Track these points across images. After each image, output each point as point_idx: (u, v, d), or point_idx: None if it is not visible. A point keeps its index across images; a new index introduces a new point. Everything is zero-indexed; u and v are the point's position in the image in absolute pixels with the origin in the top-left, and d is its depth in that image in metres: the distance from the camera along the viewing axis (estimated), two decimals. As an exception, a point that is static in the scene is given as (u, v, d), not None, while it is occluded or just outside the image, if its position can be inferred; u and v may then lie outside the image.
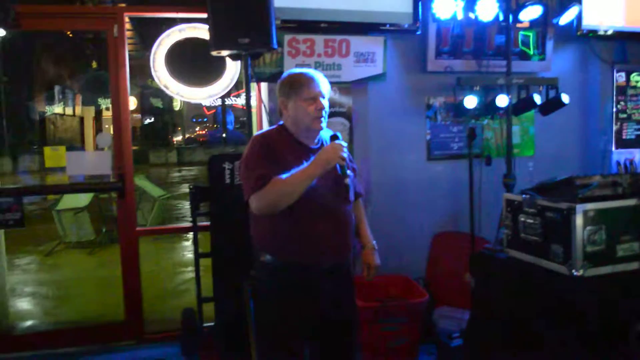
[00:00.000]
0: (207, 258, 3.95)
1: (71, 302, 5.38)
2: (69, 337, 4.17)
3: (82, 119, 19.16)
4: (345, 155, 2.32)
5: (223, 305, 3.83)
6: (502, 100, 4.06)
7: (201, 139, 29.36)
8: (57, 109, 17.15)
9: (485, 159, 4.37)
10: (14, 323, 4.57)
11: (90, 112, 17.54)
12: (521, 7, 4.03)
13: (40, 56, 13.49)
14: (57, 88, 16.56)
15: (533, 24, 4.34)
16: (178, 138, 29.10)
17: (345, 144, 2.36)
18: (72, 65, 15.31)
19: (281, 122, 2.55)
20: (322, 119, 2.44)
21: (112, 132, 4.25)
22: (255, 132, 3.58)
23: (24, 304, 5.29)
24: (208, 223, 3.97)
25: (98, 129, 18.70)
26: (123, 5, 4.82)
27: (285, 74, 2.54)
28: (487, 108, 4.21)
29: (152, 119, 24.31)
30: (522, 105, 4.21)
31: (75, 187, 5.07)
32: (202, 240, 4.05)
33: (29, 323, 4.78)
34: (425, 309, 3.87)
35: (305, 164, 2.32)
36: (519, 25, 4.30)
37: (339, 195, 2.45)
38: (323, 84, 2.45)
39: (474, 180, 4.20)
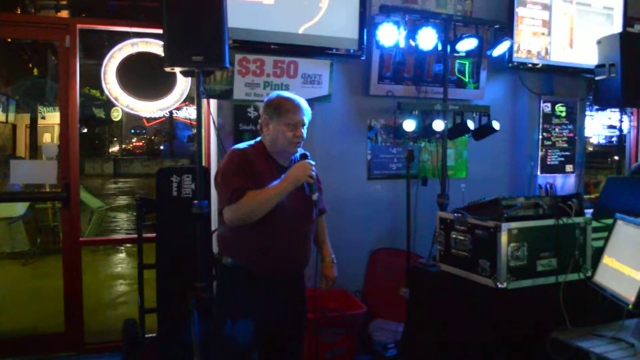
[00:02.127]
0: (149, 270, 4.01)
1: (6, 313, 5.22)
2: (6, 348, 4.10)
3: (14, 127, 18.43)
4: (314, 173, 2.51)
5: (166, 316, 3.88)
6: (438, 125, 4.32)
7: (138, 151, 28.86)
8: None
9: (421, 180, 4.60)
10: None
11: (25, 119, 16.94)
12: (458, 38, 4.33)
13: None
14: (-11, 94, 15.98)
15: (469, 54, 4.62)
16: (115, 149, 28.46)
17: (313, 163, 2.55)
18: (8, 72, 14.84)
19: (259, 138, 2.71)
20: (297, 145, 2.62)
21: (52, 141, 4.25)
22: (202, 148, 3.71)
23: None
24: (152, 235, 4.03)
25: (32, 137, 18.03)
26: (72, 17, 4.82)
27: (273, 95, 2.69)
28: (425, 132, 4.45)
29: (90, 129, 23.71)
30: (456, 130, 4.48)
31: (19, 196, 5.00)
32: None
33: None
34: (362, 321, 4.05)
35: (278, 180, 2.49)
36: (455, 55, 4.59)
37: (305, 212, 2.62)
38: (306, 114, 2.64)
39: (411, 200, 4.42)
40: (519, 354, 2.73)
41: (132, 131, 29.95)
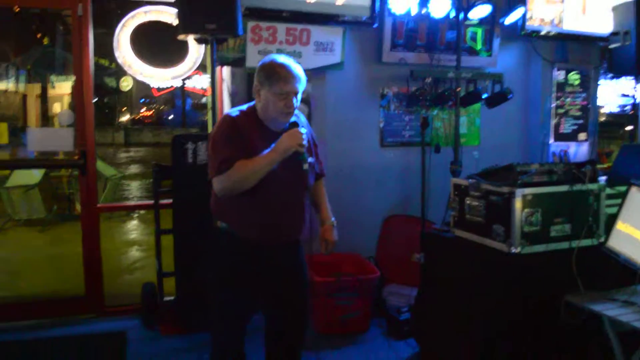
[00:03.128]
0: (166, 235, 4.10)
1: (27, 278, 5.38)
2: (28, 311, 4.21)
3: (25, 96, 18.49)
4: (304, 142, 2.42)
5: (184, 279, 3.98)
6: (451, 93, 4.32)
7: (147, 120, 28.87)
8: (0, 85, 16.56)
9: (434, 147, 4.63)
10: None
11: (35, 89, 16.99)
12: (471, 5, 4.30)
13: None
14: (0, 64, 16.00)
15: (482, 21, 4.59)
16: (124, 118, 28.50)
17: (304, 131, 2.46)
18: (17, 42, 14.82)
19: (253, 103, 2.59)
20: (289, 115, 2.49)
21: (67, 108, 4.29)
22: (217, 116, 3.74)
23: (-23, 280, 5.27)
24: (168, 201, 4.10)
25: (43, 106, 18.11)
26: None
27: (268, 59, 2.51)
28: (438, 99, 4.46)
29: (100, 99, 23.70)
30: (469, 98, 4.48)
31: (37, 163, 5.07)
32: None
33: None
34: (375, 285, 4.12)
35: (267, 150, 2.41)
36: (468, 22, 4.57)
37: (297, 180, 2.53)
38: (300, 82, 2.47)
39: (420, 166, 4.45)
40: (533, 317, 2.79)
41: (142, 101, 29.94)
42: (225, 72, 4.34)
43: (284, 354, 2.82)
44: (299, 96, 2.50)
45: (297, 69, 2.48)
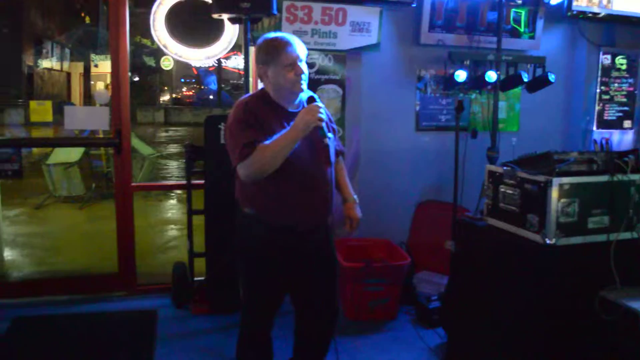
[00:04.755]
0: (198, 215, 4.11)
1: (63, 254, 5.51)
2: (63, 286, 4.31)
3: (69, 75, 18.93)
4: (323, 116, 2.36)
5: (215, 259, 4.00)
6: (491, 76, 4.19)
7: (188, 100, 29.15)
8: (45, 63, 16.96)
9: (471, 132, 4.51)
10: (9, 271, 4.70)
11: (78, 67, 17.35)
12: (515, -16, 4.16)
13: (30, 10, 13.33)
14: (45, 42, 16.36)
15: (525, 1, 4.44)
16: (165, 98, 28.86)
17: (322, 105, 2.40)
18: (62, 20, 15.14)
19: (262, 87, 2.55)
20: (301, 82, 2.45)
21: (103, 88, 4.32)
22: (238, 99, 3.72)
23: (16, 254, 5.41)
24: (201, 181, 4.11)
25: (86, 85, 18.50)
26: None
27: (260, 40, 2.49)
28: (476, 82, 4.33)
29: (142, 78, 24.05)
30: (509, 82, 4.34)
31: (75, 141, 5.15)
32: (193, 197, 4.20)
33: (23, 272, 4.91)
34: (406, 272, 4.06)
35: (287, 129, 2.37)
36: (511, 2, 4.41)
37: (319, 157, 2.46)
38: (299, 48, 2.45)
39: (459, 152, 4.34)
40: (566, 311, 2.70)
41: (182, 80, 30.25)
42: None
43: (314, 339, 2.82)
44: (305, 61, 2.47)
45: (292, 37, 2.46)
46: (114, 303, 4.17)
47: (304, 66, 2.45)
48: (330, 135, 2.46)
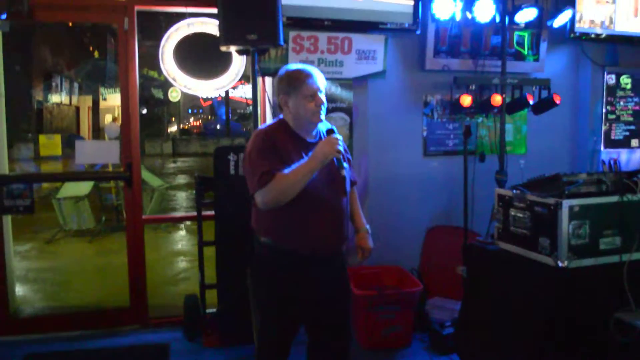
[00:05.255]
0: (209, 246, 4.12)
1: (74, 288, 5.51)
2: (75, 321, 4.30)
3: (77, 109, 19.14)
4: (341, 148, 2.43)
5: (226, 291, 3.99)
6: (496, 100, 4.21)
7: (196, 130, 29.38)
8: (54, 97, 17.19)
9: (479, 156, 4.52)
10: (20, 307, 4.70)
11: (87, 101, 17.56)
12: (517, 9, 4.20)
13: (39, 45, 13.58)
14: (54, 77, 16.62)
15: (528, 25, 4.46)
16: (173, 129, 29.10)
17: (340, 137, 2.46)
18: (70, 55, 15.39)
19: (281, 116, 2.63)
20: (321, 112, 2.54)
21: (112, 121, 4.36)
22: (259, 126, 3.75)
23: (28, 289, 5.42)
24: (212, 212, 4.13)
25: (94, 118, 18.69)
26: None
27: (282, 71, 2.59)
28: (482, 106, 4.35)
29: (150, 110, 24.32)
30: (515, 105, 4.36)
31: (85, 176, 5.19)
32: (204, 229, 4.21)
33: (34, 307, 4.92)
34: (418, 299, 4.04)
35: (305, 159, 2.43)
36: (514, 26, 4.45)
37: (336, 187, 2.53)
38: (320, 79, 2.54)
39: (468, 176, 4.35)
40: (581, 334, 2.67)
41: (190, 111, 30.54)
42: (268, 82, 4.35)
43: None
44: (324, 93, 2.56)
45: (313, 69, 2.56)
46: (126, 337, 4.15)
47: (323, 97, 2.54)
48: (346, 166, 2.52)
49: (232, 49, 3.62)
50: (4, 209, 4.06)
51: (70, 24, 11.62)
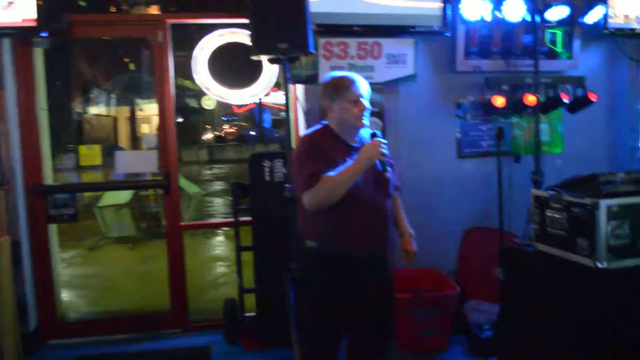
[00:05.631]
0: (247, 251, 4.19)
1: (117, 294, 5.67)
2: (118, 325, 4.44)
3: (115, 119, 19.57)
4: (385, 151, 2.51)
5: (264, 295, 4.05)
6: (529, 99, 4.18)
7: (230, 137, 29.64)
8: (93, 109, 17.65)
9: (514, 157, 4.49)
10: (67, 312, 4.86)
11: (125, 112, 17.98)
12: (548, 6, 4.16)
13: (78, 59, 13.97)
14: (93, 89, 17.08)
15: (560, 22, 4.41)
16: (208, 136, 29.44)
17: (384, 141, 2.55)
18: (108, 67, 15.78)
19: (325, 122, 2.74)
20: (364, 117, 2.64)
21: (150, 131, 4.47)
22: (291, 132, 3.82)
23: (74, 295, 5.59)
24: (248, 218, 4.20)
25: (132, 128, 19.10)
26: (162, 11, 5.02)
27: (328, 78, 2.73)
28: (516, 107, 4.32)
29: (185, 118, 24.70)
30: (549, 104, 4.31)
31: (125, 185, 5.34)
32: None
33: (79, 312, 5.08)
34: (456, 302, 4.02)
35: (350, 162, 2.52)
36: (545, 24, 4.40)
37: (380, 190, 2.63)
38: (363, 86, 2.66)
39: (504, 177, 4.33)
40: (625, 336, 2.63)
41: (223, 118, 30.87)
42: (299, 89, 4.41)
43: None
44: (367, 98, 2.66)
45: (357, 76, 2.69)
46: (167, 341, 4.26)
47: (366, 103, 2.63)
48: (389, 168, 2.58)
49: (264, 57, 3.68)
50: (49, 218, 4.22)
51: (106, 38, 11.92)
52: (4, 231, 3.88)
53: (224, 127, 31.26)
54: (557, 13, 4.19)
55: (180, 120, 24.51)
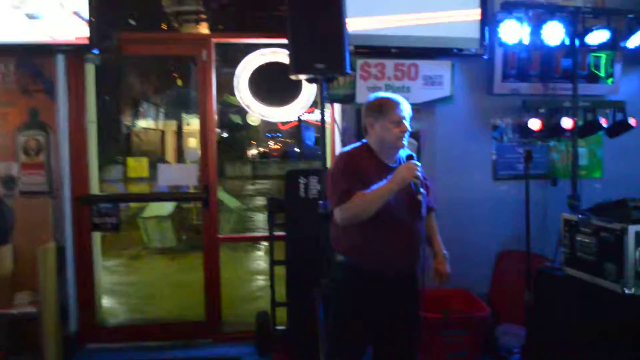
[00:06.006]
0: (281, 265, 4.27)
1: (155, 302, 5.84)
2: (153, 332, 4.59)
3: (163, 133, 20.06)
4: (419, 174, 2.59)
5: (295, 309, 4.12)
6: (567, 123, 4.16)
7: (275, 154, 29.98)
8: (142, 122, 18.18)
9: (551, 180, 4.46)
10: (106, 317, 5.04)
11: (172, 125, 18.46)
12: (588, 31, 4.15)
13: (128, 74, 14.46)
14: (141, 103, 17.61)
15: (601, 46, 4.37)
16: (253, 152, 29.85)
17: (419, 164, 2.62)
18: (157, 82, 16.26)
19: (364, 140, 2.83)
20: (404, 138, 2.72)
21: (197, 145, 4.62)
22: (327, 150, 3.89)
23: (113, 302, 5.79)
24: (283, 233, 4.29)
25: (178, 142, 19.56)
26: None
27: (373, 97, 2.84)
28: (553, 130, 4.30)
29: (230, 134, 25.17)
30: (587, 128, 4.28)
31: (165, 196, 5.52)
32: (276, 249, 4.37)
33: (117, 318, 5.26)
34: (485, 324, 4.00)
35: (384, 181, 2.59)
36: (584, 48, 4.38)
37: (412, 210, 2.68)
38: (406, 109, 2.75)
39: (540, 201, 4.31)
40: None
41: (268, 134, 31.28)
42: (336, 108, 4.50)
43: None
44: (408, 120, 2.73)
45: (400, 98, 2.78)
46: (200, 350, 4.37)
47: (407, 125, 2.72)
48: (423, 191, 2.65)
49: (302, 77, 3.79)
50: (94, 226, 4.41)
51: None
52: (50, 237, 4.10)
53: (268, 143, 31.66)
54: (597, 37, 4.16)
55: (225, 135, 24.98)
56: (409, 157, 2.67)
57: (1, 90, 4.10)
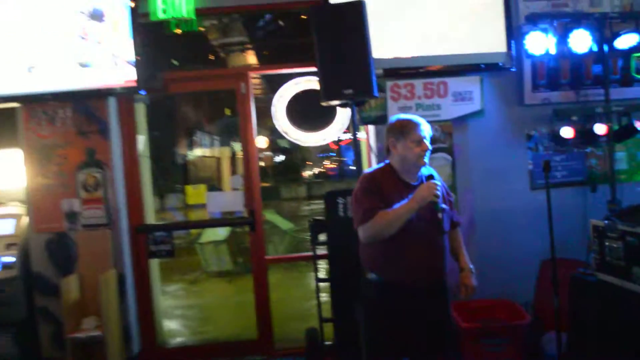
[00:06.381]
0: (325, 282, 4.44)
1: (212, 323, 6.11)
2: (210, 352, 4.84)
3: (218, 160, 20.63)
4: (439, 192, 2.71)
5: (340, 324, 4.27)
6: (600, 129, 4.18)
7: (330, 173, 30.25)
8: (197, 151, 18.85)
9: (590, 186, 4.47)
10: (166, 339, 5.33)
11: (226, 152, 19.02)
12: (616, 35, 4.18)
13: (180, 106, 15.13)
14: (196, 133, 18.29)
15: (633, 49, 4.38)
16: (308, 173, 30.22)
17: (439, 183, 2.76)
18: (207, 113, 16.92)
19: (387, 161, 2.98)
20: (425, 156, 2.85)
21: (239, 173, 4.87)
22: (364, 170, 4.06)
23: (174, 324, 6.09)
24: (326, 252, 4.47)
25: (233, 167, 20.11)
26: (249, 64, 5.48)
27: (394, 119, 2.98)
28: (586, 137, 4.32)
29: (284, 157, 25.69)
30: (622, 132, 4.27)
31: (213, 222, 5.81)
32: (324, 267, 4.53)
33: (178, 339, 5.55)
34: (526, 332, 4.03)
35: (405, 200, 2.73)
36: (616, 52, 4.38)
37: (434, 226, 2.78)
38: (426, 129, 2.88)
39: (581, 207, 4.31)
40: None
41: (320, 155, 31.65)
42: (370, 129, 4.67)
43: None
44: (429, 140, 2.87)
45: (420, 119, 2.91)
46: (254, 366, 4.59)
47: (428, 144, 2.87)
48: (444, 207, 2.78)
49: (333, 103, 3.99)
50: (150, 253, 4.72)
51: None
52: (111, 265, 4.42)
53: (323, 163, 31.98)
54: (626, 41, 4.19)
55: (280, 159, 25.47)
56: (429, 177, 2.80)
57: (61, 133, 4.49)
